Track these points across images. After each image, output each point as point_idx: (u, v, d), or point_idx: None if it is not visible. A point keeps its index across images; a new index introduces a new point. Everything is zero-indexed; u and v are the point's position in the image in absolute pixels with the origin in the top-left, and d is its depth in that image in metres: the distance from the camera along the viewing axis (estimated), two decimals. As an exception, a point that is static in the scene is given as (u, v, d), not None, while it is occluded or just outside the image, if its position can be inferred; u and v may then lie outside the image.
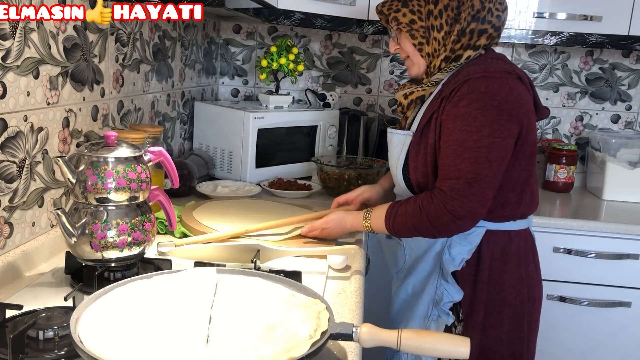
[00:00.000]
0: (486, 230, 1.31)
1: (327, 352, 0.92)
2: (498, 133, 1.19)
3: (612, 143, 2.26)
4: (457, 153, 1.21)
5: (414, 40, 1.32)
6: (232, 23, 2.55)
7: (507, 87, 1.22)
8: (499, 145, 1.20)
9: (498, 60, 1.29)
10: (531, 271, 1.36)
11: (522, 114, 1.22)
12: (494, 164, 1.20)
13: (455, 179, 1.20)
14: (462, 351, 0.84)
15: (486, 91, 1.20)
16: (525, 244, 1.36)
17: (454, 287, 1.31)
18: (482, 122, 1.19)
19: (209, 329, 0.82)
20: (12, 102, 1.09)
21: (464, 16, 1.27)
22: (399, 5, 1.32)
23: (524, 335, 1.35)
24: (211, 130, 2.11)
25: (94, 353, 0.74)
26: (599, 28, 2.10)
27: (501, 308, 1.32)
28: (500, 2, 1.30)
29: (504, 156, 1.22)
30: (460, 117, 1.21)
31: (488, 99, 1.20)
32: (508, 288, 1.32)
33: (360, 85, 2.57)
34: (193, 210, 1.56)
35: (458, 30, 1.28)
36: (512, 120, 1.21)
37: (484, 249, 1.31)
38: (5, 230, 1.12)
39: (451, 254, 1.30)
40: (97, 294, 0.89)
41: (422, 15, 1.29)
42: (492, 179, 1.21)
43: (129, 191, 1.06)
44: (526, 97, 1.26)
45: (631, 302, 1.98)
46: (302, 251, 1.31)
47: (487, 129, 1.19)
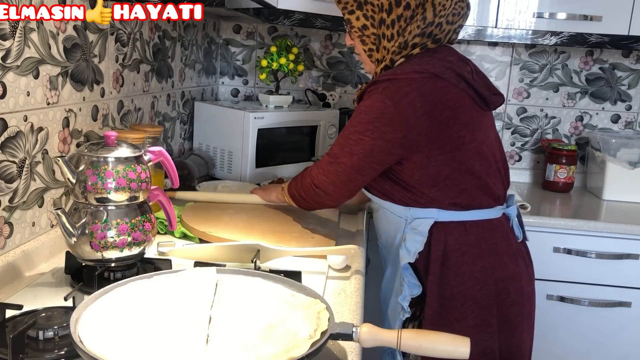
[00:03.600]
0: (436, 222, 1.29)
1: (327, 352, 0.92)
2: (369, 133, 1.25)
3: (612, 143, 2.26)
4: (337, 137, 1.35)
5: (364, 46, 1.34)
6: (232, 23, 2.55)
7: (405, 89, 1.22)
8: (365, 144, 1.26)
9: (420, 58, 1.27)
10: (503, 263, 1.31)
11: (414, 117, 1.21)
12: (354, 157, 1.28)
13: (327, 154, 1.35)
14: (462, 351, 0.84)
15: (382, 92, 1.24)
16: (492, 235, 1.31)
17: (412, 281, 1.30)
18: (362, 119, 1.27)
19: (209, 329, 0.82)
20: (12, 102, 1.09)
21: (411, 29, 1.27)
22: (353, 7, 1.31)
23: (493, 330, 1.29)
24: (211, 130, 2.11)
25: (94, 353, 0.74)
26: (599, 28, 2.10)
27: (464, 301, 1.28)
28: (454, 13, 1.27)
29: (369, 154, 1.27)
30: (355, 111, 1.31)
31: (378, 101, 1.25)
32: (469, 280, 1.28)
33: (360, 85, 2.56)
34: (193, 210, 1.56)
35: (400, 42, 1.28)
36: (391, 125, 1.23)
37: (434, 241, 1.29)
38: (5, 230, 1.12)
39: (406, 247, 1.30)
40: (97, 294, 0.89)
41: (375, 22, 1.29)
42: (349, 168, 1.29)
43: (129, 191, 1.06)
44: (434, 96, 1.23)
45: (631, 302, 1.98)
46: (302, 251, 1.31)
47: (361, 125, 1.26)
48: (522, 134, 2.56)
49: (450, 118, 1.25)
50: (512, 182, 2.13)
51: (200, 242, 1.38)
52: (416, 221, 1.31)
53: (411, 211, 1.32)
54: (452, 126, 1.25)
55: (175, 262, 1.19)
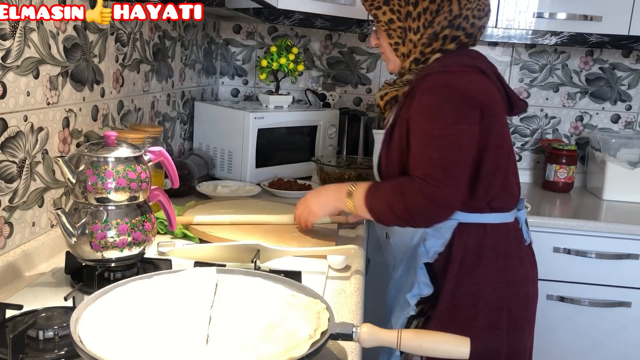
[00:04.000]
0: (458, 223, 1.30)
1: (327, 352, 0.92)
2: (463, 120, 1.20)
3: (612, 143, 2.26)
4: (426, 143, 1.22)
5: (390, 39, 1.33)
6: (232, 23, 2.55)
7: (467, 78, 1.23)
8: (466, 132, 1.21)
9: (463, 56, 1.29)
10: (513, 267, 1.33)
11: (483, 103, 1.23)
12: (463, 150, 1.21)
13: (430, 165, 1.20)
14: (462, 351, 0.84)
15: (446, 83, 1.22)
16: (507, 239, 1.33)
17: (424, 280, 1.31)
18: (447, 110, 1.20)
19: (209, 329, 0.82)
20: (12, 102, 1.09)
21: (439, 21, 1.28)
22: (380, 3, 1.32)
23: (501, 333, 1.31)
24: (211, 130, 2.11)
25: (94, 353, 0.74)
26: (599, 28, 2.10)
27: (475, 301, 1.29)
28: (478, 8, 1.30)
29: (472, 142, 1.22)
30: (425, 109, 1.23)
31: (449, 89, 1.21)
32: (483, 282, 1.30)
33: (360, 85, 2.57)
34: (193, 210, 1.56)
35: (430, 34, 1.29)
36: (476, 108, 1.21)
37: (456, 242, 1.30)
38: (5, 230, 1.12)
39: (426, 247, 1.31)
40: (97, 294, 0.89)
41: (401, 16, 1.30)
42: (464, 165, 1.22)
43: (129, 191, 1.06)
44: (489, 88, 1.26)
45: (631, 302, 1.98)
46: (302, 251, 1.31)
47: (452, 116, 1.20)
48: (522, 134, 2.56)
49: (498, 114, 1.28)
50: (512, 182, 2.13)
51: (200, 242, 1.38)
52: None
53: None
54: (498, 122, 1.28)
55: (175, 262, 1.19)
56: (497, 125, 1.27)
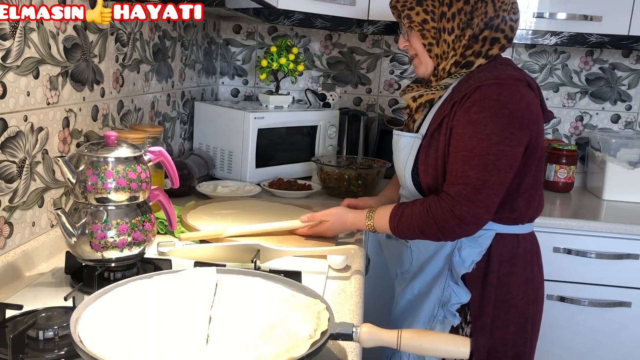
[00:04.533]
0: (495, 234, 1.31)
1: (327, 352, 0.92)
2: (507, 141, 1.20)
3: (612, 143, 2.26)
4: (465, 159, 1.22)
5: (424, 40, 1.32)
6: (232, 23, 2.55)
7: (519, 96, 1.22)
8: (507, 154, 1.21)
9: (507, 67, 1.30)
10: (536, 273, 1.38)
11: (532, 122, 1.24)
12: (501, 172, 1.21)
13: (463, 184, 1.21)
14: (462, 351, 0.84)
15: (498, 99, 1.21)
16: (532, 247, 1.37)
17: (462, 288, 1.32)
18: (492, 129, 1.20)
19: (209, 329, 0.82)
20: (12, 102, 1.09)
21: (477, 22, 1.28)
22: (413, 3, 1.32)
23: (528, 336, 1.36)
24: (211, 130, 2.11)
25: (94, 353, 0.74)
26: (599, 28, 2.10)
27: (507, 309, 1.33)
28: (514, 11, 1.30)
29: (512, 164, 1.23)
30: (471, 124, 1.22)
31: (500, 107, 1.20)
32: (515, 290, 1.33)
33: (360, 85, 2.57)
34: (193, 210, 1.56)
35: (470, 35, 1.28)
36: (523, 129, 1.22)
37: (494, 252, 1.31)
38: (5, 230, 1.12)
39: (461, 256, 1.31)
40: (97, 294, 0.89)
41: (435, 17, 1.30)
42: (499, 187, 1.22)
43: (129, 191, 1.06)
44: (535, 104, 1.27)
45: (631, 302, 1.98)
46: (302, 251, 1.31)
47: (496, 136, 1.20)
48: (522, 134, 2.56)
49: (540, 129, 1.29)
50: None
51: (200, 242, 1.38)
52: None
53: None
54: (540, 137, 1.29)
55: (175, 262, 1.19)
56: (540, 140, 1.29)
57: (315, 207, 1.69)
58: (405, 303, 1.44)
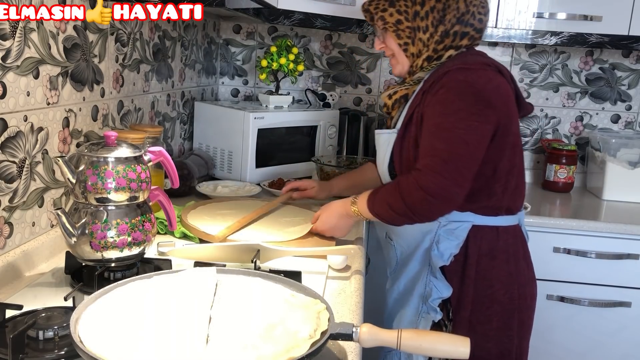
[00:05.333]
0: (473, 226, 1.31)
1: (327, 352, 0.92)
2: (475, 117, 1.20)
3: (612, 143, 2.26)
4: (434, 134, 1.22)
5: (399, 40, 1.34)
6: (232, 23, 2.55)
7: (486, 77, 1.24)
8: (476, 129, 1.21)
9: (477, 56, 1.32)
10: (521, 268, 1.35)
11: (501, 103, 1.24)
12: (470, 146, 1.20)
13: (431, 156, 1.21)
14: (462, 351, 0.84)
15: (465, 80, 1.22)
16: (515, 241, 1.35)
17: (443, 283, 1.31)
18: (460, 106, 1.21)
19: (209, 329, 0.82)
20: (12, 102, 1.09)
21: (449, 18, 1.29)
22: (385, 5, 1.33)
23: (513, 333, 1.33)
24: (211, 130, 2.11)
25: (94, 353, 0.74)
26: (599, 28, 2.10)
27: (490, 304, 1.31)
28: (482, 5, 1.32)
29: (481, 140, 1.22)
30: (439, 103, 1.24)
31: (467, 86, 1.22)
32: (497, 284, 1.31)
33: (360, 85, 2.57)
34: (193, 210, 1.56)
35: (442, 31, 1.30)
36: (491, 108, 1.22)
37: (471, 245, 1.31)
38: (5, 230, 1.12)
39: (439, 250, 1.31)
40: (97, 294, 0.89)
41: (409, 16, 1.31)
42: (467, 160, 1.21)
43: (129, 191, 1.06)
44: (506, 88, 1.28)
45: (631, 302, 1.98)
46: (302, 251, 1.31)
47: (464, 112, 1.21)
48: (522, 134, 2.55)
49: (514, 114, 1.29)
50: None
51: (200, 242, 1.38)
52: (452, 224, 1.31)
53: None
54: (514, 122, 1.30)
55: (175, 262, 1.19)
56: (513, 126, 1.29)
57: (315, 207, 1.69)
58: (393, 302, 1.45)
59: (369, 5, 1.37)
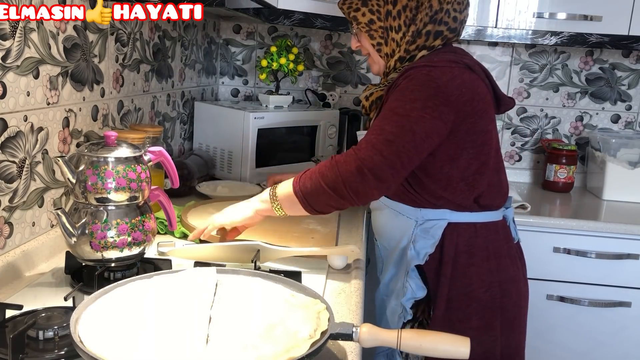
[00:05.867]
0: (449, 223, 1.29)
1: (327, 352, 0.92)
2: (429, 110, 1.17)
3: (612, 143, 2.26)
4: (385, 117, 1.20)
5: (372, 40, 1.32)
6: (232, 23, 2.55)
7: (450, 74, 1.20)
8: (427, 122, 1.17)
9: (448, 53, 1.28)
10: (504, 266, 1.32)
11: (462, 102, 1.20)
12: (416, 136, 1.16)
13: (376, 135, 1.18)
14: (462, 351, 0.84)
15: (427, 74, 1.19)
16: (497, 237, 1.32)
17: (417, 283, 1.30)
18: (417, 96, 1.18)
19: (209, 329, 0.82)
20: (12, 102, 1.09)
21: (421, 17, 1.26)
22: (358, 4, 1.31)
23: (496, 333, 1.30)
24: (211, 130, 2.11)
25: (94, 353, 0.74)
26: (599, 28, 2.10)
27: (469, 302, 1.29)
28: (459, 1, 1.29)
29: (430, 134, 1.18)
30: (399, 91, 1.21)
31: (428, 81, 1.19)
32: (476, 282, 1.29)
33: (360, 85, 2.57)
34: (193, 210, 1.56)
35: (413, 31, 1.27)
36: (448, 106, 1.18)
37: (447, 243, 1.29)
38: (5, 230, 1.12)
39: (415, 249, 1.29)
40: (97, 294, 0.89)
41: (381, 16, 1.29)
42: (409, 148, 1.16)
43: (129, 191, 1.06)
44: (474, 85, 1.23)
45: (631, 302, 1.98)
46: (302, 251, 1.31)
47: (420, 103, 1.17)
48: (522, 134, 2.56)
49: (484, 111, 1.25)
50: (512, 182, 2.14)
51: (200, 242, 1.38)
52: (428, 222, 1.30)
53: (422, 212, 1.30)
54: (484, 119, 1.26)
55: (175, 262, 1.19)
56: (482, 123, 1.25)
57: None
58: (380, 303, 1.45)
59: (342, 4, 1.35)
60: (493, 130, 1.30)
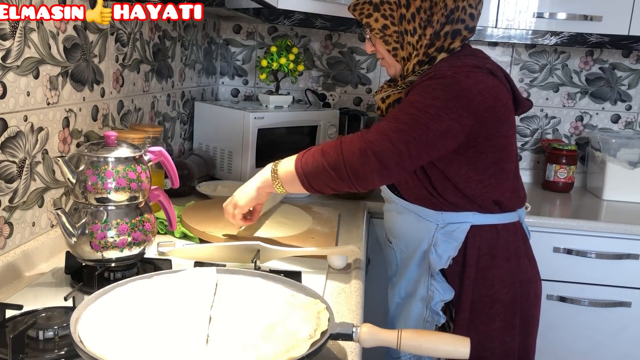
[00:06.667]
0: (471, 226, 1.29)
1: (327, 352, 0.92)
2: (448, 111, 1.15)
3: (612, 143, 2.26)
4: (403, 108, 1.18)
5: (387, 46, 1.29)
6: (232, 23, 2.55)
7: (474, 79, 1.18)
8: (444, 122, 1.14)
9: (469, 57, 1.26)
10: (524, 266, 1.33)
11: (483, 109, 1.18)
12: (430, 133, 1.14)
13: (388, 122, 1.16)
14: (462, 351, 0.84)
15: (453, 76, 1.17)
16: (515, 238, 1.33)
17: (444, 285, 1.30)
18: (439, 95, 1.16)
19: (209, 329, 0.82)
20: (12, 102, 1.09)
21: (437, 18, 1.24)
22: (370, 10, 1.28)
23: (516, 332, 1.32)
24: (211, 130, 2.11)
25: (94, 353, 0.74)
26: (599, 28, 2.10)
27: (492, 304, 1.30)
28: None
29: (445, 134, 1.15)
30: (421, 86, 1.19)
31: (452, 82, 1.17)
32: (498, 283, 1.30)
33: (360, 85, 2.57)
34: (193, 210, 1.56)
35: (431, 33, 1.25)
36: (467, 109, 1.16)
37: (470, 245, 1.29)
38: (5, 230, 1.12)
39: (437, 252, 1.29)
40: (97, 294, 0.89)
41: (395, 20, 1.26)
42: (420, 142, 1.14)
43: (129, 191, 1.06)
44: (496, 91, 1.21)
45: (631, 302, 1.98)
46: (302, 251, 1.31)
47: (440, 102, 1.15)
48: (522, 134, 2.56)
49: (505, 117, 1.24)
50: (512, 182, 2.13)
51: (200, 242, 1.38)
52: (450, 226, 1.29)
53: (444, 215, 1.30)
54: (505, 125, 1.25)
55: (175, 262, 1.19)
56: (503, 129, 1.25)
57: (315, 207, 1.69)
58: (395, 307, 1.44)
59: (353, 10, 1.33)
60: (513, 135, 1.30)
